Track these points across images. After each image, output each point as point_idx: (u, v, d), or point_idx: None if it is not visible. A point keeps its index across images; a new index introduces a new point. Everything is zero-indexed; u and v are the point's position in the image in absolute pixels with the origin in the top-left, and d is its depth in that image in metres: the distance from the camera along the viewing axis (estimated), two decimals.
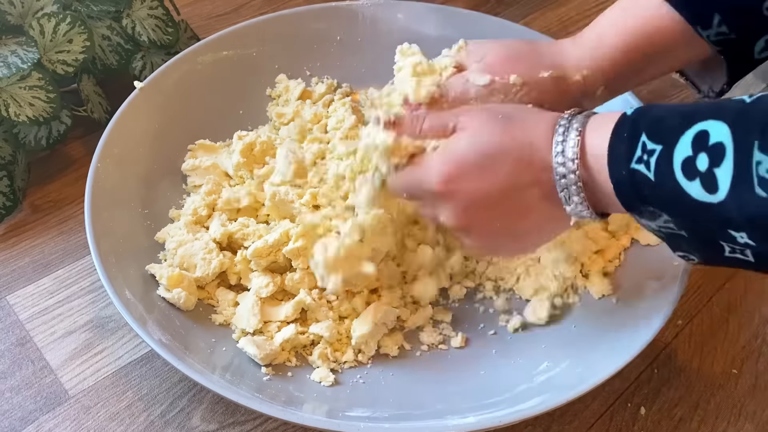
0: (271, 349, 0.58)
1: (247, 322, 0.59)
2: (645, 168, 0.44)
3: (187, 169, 0.71)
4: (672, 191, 0.43)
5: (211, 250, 0.63)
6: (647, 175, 0.44)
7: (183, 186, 0.71)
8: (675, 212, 0.44)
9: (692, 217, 0.43)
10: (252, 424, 0.59)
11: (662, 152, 0.43)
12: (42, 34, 0.71)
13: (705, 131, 0.41)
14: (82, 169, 0.75)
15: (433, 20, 0.81)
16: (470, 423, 0.52)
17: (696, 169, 0.41)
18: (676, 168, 0.42)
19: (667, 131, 0.43)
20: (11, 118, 0.69)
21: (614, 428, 0.60)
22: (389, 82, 0.61)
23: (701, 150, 0.41)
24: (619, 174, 0.45)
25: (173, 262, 0.63)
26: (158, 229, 0.66)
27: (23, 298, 0.66)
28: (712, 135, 0.41)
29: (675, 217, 0.44)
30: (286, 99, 0.77)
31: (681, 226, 0.45)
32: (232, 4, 0.97)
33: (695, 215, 0.43)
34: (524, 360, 0.60)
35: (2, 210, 0.70)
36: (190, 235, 0.64)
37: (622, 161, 0.45)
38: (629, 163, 0.44)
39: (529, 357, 0.60)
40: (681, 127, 0.43)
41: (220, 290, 0.63)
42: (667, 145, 0.43)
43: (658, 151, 0.43)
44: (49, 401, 0.59)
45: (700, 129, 0.42)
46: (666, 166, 0.43)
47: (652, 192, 0.44)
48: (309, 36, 0.80)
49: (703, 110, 0.42)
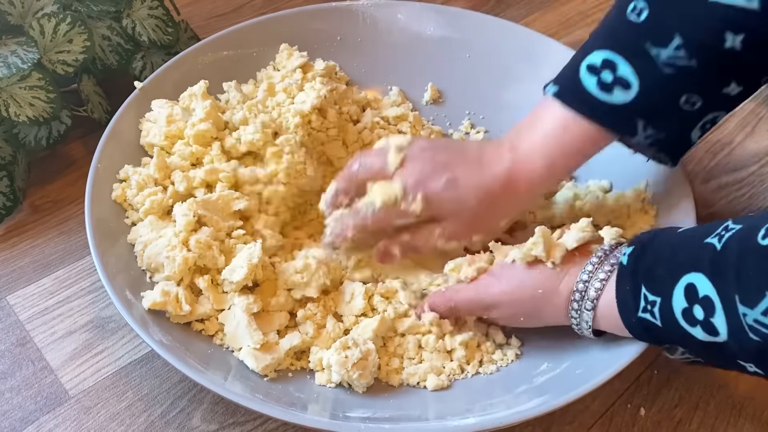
0: (273, 359, 0.58)
1: (250, 339, 0.58)
2: (651, 317, 0.49)
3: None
4: (680, 334, 0.48)
5: (174, 247, 0.60)
6: (655, 323, 0.49)
7: None
8: (688, 348, 0.50)
9: (704, 351, 0.48)
10: (252, 424, 0.59)
11: (662, 303, 0.48)
12: (42, 34, 0.71)
13: (692, 284, 0.46)
14: (82, 169, 0.75)
15: (433, 20, 0.81)
16: (470, 424, 0.52)
17: (695, 317, 0.46)
18: (678, 316, 0.47)
19: (661, 283, 0.48)
20: (11, 118, 0.69)
21: (614, 429, 0.60)
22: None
23: (694, 302, 0.46)
24: (630, 322, 0.51)
25: (142, 263, 0.61)
26: None
27: (23, 298, 0.66)
28: (699, 288, 0.45)
29: (689, 350, 0.50)
30: (284, 66, 0.77)
31: (697, 356, 0.51)
32: (232, 4, 0.97)
33: (706, 350, 0.48)
34: (524, 361, 0.60)
35: (2, 210, 0.70)
36: (153, 233, 0.62)
37: (631, 311, 0.50)
38: (637, 312, 0.50)
39: (529, 358, 0.60)
40: (671, 280, 0.47)
41: (202, 300, 0.61)
42: (664, 297, 0.48)
43: (658, 302, 0.48)
44: (50, 401, 0.59)
45: (688, 282, 0.46)
46: (669, 315, 0.48)
47: (663, 335, 0.49)
48: (309, 36, 0.80)
49: (684, 261, 0.47)
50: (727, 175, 0.80)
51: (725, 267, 0.44)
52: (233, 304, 0.60)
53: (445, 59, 0.80)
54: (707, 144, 0.83)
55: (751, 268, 0.43)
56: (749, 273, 0.43)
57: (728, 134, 0.84)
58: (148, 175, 0.65)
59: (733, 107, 0.57)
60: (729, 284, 0.43)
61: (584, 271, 0.54)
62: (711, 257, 0.45)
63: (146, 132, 0.69)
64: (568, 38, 0.94)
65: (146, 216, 0.63)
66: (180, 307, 0.58)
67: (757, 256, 0.42)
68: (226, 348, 0.60)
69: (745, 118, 0.86)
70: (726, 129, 0.85)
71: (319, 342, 0.60)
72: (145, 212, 0.63)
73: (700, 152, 0.82)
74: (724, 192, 0.78)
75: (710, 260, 0.45)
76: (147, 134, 0.69)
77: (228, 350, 0.59)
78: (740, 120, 0.86)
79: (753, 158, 0.82)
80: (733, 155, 0.82)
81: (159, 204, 0.64)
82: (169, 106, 0.70)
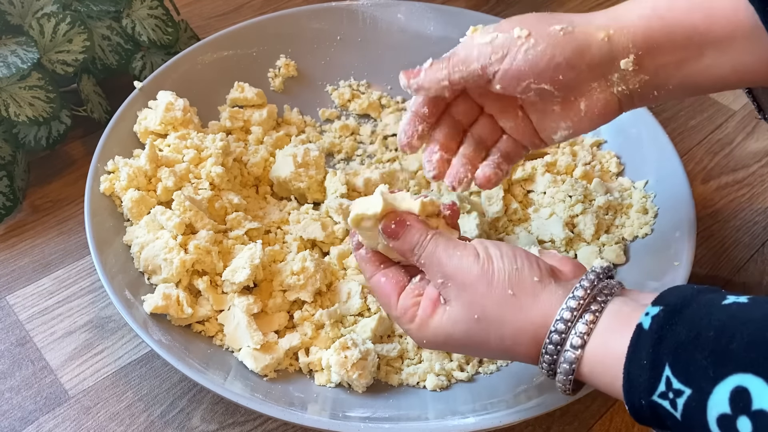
0: (272, 359, 0.58)
1: (250, 340, 0.58)
2: (670, 406, 0.38)
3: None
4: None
5: (171, 249, 0.60)
6: (673, 414, 0.38)
7: None
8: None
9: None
10: (252, 424, 0.59)
11: (692, 397, 0.37)
12: (42, 34, 0.71)
13: (744, 389, 0.35)
14: (82, 169, 0.75)
15: (433, 20, 0.81)
16: (470, 423, 0.52)
17: (736, 430, 0.35)
18: (710, 421, 0.36)
19: (697, 373, 0.37)
20: (11, 118, 0.69)
21: (614, 429, 0.60)
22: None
23: (742, 413, 0.35)
24: (638, 401, 0.39)
25: (139, 265, 0.61)
26: None
27: (23, 298, 0.66)
28: (754, 398, 0.34)
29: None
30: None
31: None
32: (232, 4, 0.97)
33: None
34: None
35: (2, 210, 0.70)
36: (150, 234, 0.62)
37: (642, 391, 0.39)
38: (651, 394, 0.39)
39: None
40: (714, 374, 0.36)
41: (202, 302, 0.61)
42: (697, 391, 0.37)
43: (686, 395, 0.37)
44: (49, 401, 0.59)
45: (738, 384, 0.35)
46: (698, 414, 0.37)
47: (678, 428, 0.38)
48: (309, 36, 0.80)
49: (737, 353, 0.36)
50: (727, 175, 0.80)
51: None
52: (233, 305, 0.60)
53: None
54: (707, 144, 0.83)
55: None
56: None
57: (728, 134, 0.84)
58: (138, 168, 0.64)
59: None
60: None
61: (559, 318, 0.43)
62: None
63: (144, 116, 0.69)
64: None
65: (131, 215, 0.63)
66: (182, 310, 0.58)
67: None
68: (226, 348, 0.60)
69: (745, 118, 0.86)
70: (726, 129, 0.85)
71: (318, 342, 0.60)
72: (129, 210, 0.63)
73: (700, 152, 0.82)
74: (724, 192, 0.78)
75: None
76: (145, 118, 0.69)
77: (228, 350, 0.59)
78: (740, 120, 0.86)
79: (753, 158, 0.82)
80: (733, 155, 0.82)
81: (137, 203, 0.63)
82: (174, 96, 0.70)
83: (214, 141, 0.68)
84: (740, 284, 0.70)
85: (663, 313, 0.39)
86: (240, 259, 0.61)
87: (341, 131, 0.78)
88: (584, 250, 0.66)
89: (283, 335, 0.60)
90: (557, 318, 0.43)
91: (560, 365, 0.43)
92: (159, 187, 0.64)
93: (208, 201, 0.65)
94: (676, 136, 0.83)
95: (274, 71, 0.80)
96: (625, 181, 0.72)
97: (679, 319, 0.39)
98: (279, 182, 0.70)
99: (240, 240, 0.64)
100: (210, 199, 0.65)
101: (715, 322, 0.37)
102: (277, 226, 0.68)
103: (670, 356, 0.38)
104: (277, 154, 0.71)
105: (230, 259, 0.62)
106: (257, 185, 0.72)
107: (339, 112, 0.81)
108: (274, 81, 0.80)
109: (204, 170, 0.66)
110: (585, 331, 0.42)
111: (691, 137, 0.84)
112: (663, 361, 0.38)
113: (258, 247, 0.61)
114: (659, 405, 0.38)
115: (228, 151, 0.68)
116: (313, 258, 0.62)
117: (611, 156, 0.73)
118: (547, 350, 0.44)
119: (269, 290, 0.62)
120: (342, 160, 0.76)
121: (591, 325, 0.42)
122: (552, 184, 0.70)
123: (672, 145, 0.69)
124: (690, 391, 0.37)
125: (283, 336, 0.60)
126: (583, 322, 0.43)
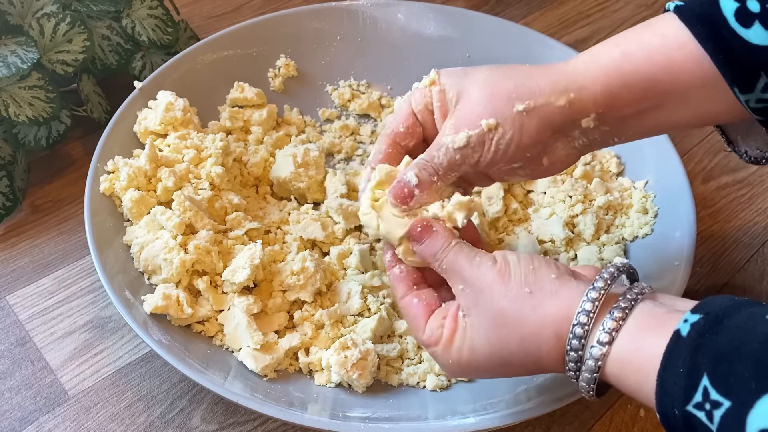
0: (272, 359, 0.58)
1: (250, 340, 0.58)
2: (706, 418, 0.36)
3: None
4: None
5: (172, 249, 0.60)
6: (708, 426, 0.36)
7: None
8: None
9: None
10: (252, 424, 0.59)
11: (731, 410, 0.35)
12: (42, 34, 0.71)
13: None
14: (82, 169, 0.74)
15: (433, 20, 0.81)
16: (470, 423, 0.52)
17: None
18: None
19: (738, 385, 0.35)
20: (11, 118, 0.69)
21: (614, 430, 0.60)
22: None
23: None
24: (671, 410, 0.38)
25: (139, 265, 0.61)
26: None
27: (23, 298, 0.66)
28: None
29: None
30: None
31: None
32: (232, 4, 0.97)
33: None
34: None
35: (2, 210, 0.70)
36: (150, 235, 0.62)
37: (676, 400, 0.38)
38: (685, 405, 0.37)
39: None
40: (757, 386, 0.34)
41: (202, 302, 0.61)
42: (737, 404, 0.35)
43: (725, 407, 0.35)
44: (49, 401, 0.59)
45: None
46: (736, 428, 0.35)
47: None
48: (309, 36, 0.80)
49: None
50: (727, 175, 0.80)
51: None
52: (233, 305, 0.60)
53: (445, 59, 0.80)
54: (707, 144, 0.83)
55: None
56: None
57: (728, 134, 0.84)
58: (138, 168, 0.64)
59: None
60: None
61: (581, 310, 0.42)
62: None
63: (144, 116, 0.69)
64: (567, 38, 0.94)
65: (130, 215, 0.63)
66: (182, 310, 0.58)
67: None
68: (226, 348, 0.60)
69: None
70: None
71: (318, 342, 0.60)
72: (128, 210, 0.63)
73: (700, 152, 0.82)
74: (724, 192, 0.78)
75: None
76: (145, 118, 0.69)
77: (228, 350, 0.59)
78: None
79: None
80: (733, 155, 0.82)
81: (137, 203, 0.63)
82: (174, 96, 0.70)
83: (214, 141, 0.68)
84: (740, 284, 0.70)
85: (703, 321, 0.38)
86: (240, 259, 0.61)
87: (341, 131, 0.78)
88: (584, 250, 0.66)
89: (283, 335, 0.60)
90: (579, 310, 0.42)
91: (585, 362, 0.42)
92: (159, 187, 0.64)
93: (208, 201, 0.65)
94: (676, 136, 0.83)
95: (274, 71, 0.80)
96: (625, 181, 0.72)
97: (720, 329, 0.37)
98: (279, 182, 0.70)
99: (240, 240, 0.64)
100: (210, 199, 0.65)
101: (760, 335, 0.36)
102: (277, 226, 0.68)
103: (710, 365, 0.36)
104: (277, 154, 0.71)
105: (230, 259, 0.62)
106: (257, 185, 0.72)
107: (339, 112, 0.81)
108: (274, 81, 0.80)
109: (204, 170, 0.66)
110: (613, 327, 0.41)
111: (691, 137, 0.83)
112: (701, 370, 0.37)
113: (258, 247, 0.61)
114: (694, 416, 0.37)
115: (228, 151, 0.68)
116: (313, 258, 0.62)
117: (611, 156, 0.73)
118: (571, 345, 0.42)
119: (269, 290, 0.62)
120: (342, 160, 0.76)
121: (620, 322, 0.41)
122: (552, 184, 0.70)
123: (672, 145, 0.69)
124: (729, 403, 0.35)
125: (283, 336, 0.60)
126: (612, 318, 0.41)
